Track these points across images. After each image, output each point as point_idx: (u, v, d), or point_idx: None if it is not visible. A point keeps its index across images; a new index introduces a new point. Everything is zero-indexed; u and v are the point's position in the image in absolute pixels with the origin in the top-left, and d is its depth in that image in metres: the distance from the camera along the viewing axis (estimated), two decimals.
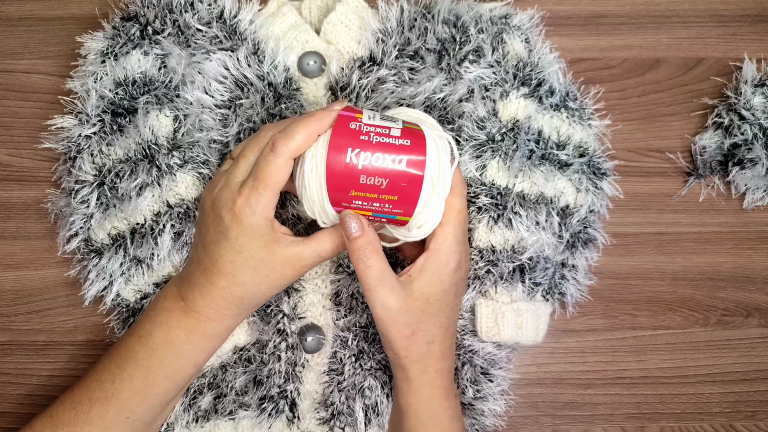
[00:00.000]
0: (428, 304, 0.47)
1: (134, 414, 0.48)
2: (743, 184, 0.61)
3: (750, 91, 0.60)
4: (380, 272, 0.45)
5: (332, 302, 0.57)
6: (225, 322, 0.49)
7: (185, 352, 0.49)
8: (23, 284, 0.60)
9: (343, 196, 0.44)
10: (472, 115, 0.57)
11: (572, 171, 0.57)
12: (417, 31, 0.58)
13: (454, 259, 0.47)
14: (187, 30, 0.57)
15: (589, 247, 0.59)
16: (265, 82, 0.57)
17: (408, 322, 0.46)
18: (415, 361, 0.48)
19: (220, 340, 0.50)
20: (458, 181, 0.48)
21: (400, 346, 0.47)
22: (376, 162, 0.43)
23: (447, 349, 0.50)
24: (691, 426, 0.60)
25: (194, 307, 0.48)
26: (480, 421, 0.56)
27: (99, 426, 0.48)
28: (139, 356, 0.48)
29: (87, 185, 0.55)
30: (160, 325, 0.49)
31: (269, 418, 0.54)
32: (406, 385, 0.49)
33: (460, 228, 0.47)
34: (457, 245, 0.47)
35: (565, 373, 0.61)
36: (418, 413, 0.49)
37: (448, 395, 0.50)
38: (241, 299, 0.47)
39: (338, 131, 0.43)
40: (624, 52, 0.64)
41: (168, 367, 0.49)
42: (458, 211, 0.47)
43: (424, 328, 0.47)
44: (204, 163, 0.56)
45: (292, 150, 0.44)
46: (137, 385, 0.48)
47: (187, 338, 0.48)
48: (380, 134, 0.44)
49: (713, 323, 0.61)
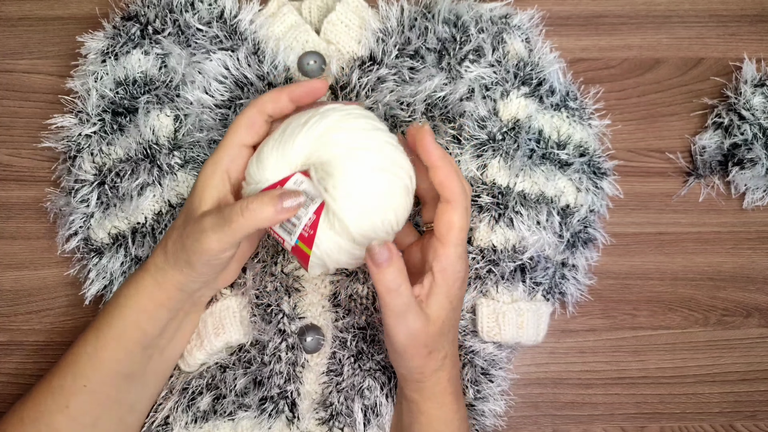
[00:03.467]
0: (444, 325, 0.47)
1: (90, 382, 0.49)
2: (743, 184, 0.61)
3: (750, 91, 0.60)
4: (409, 299, 0.44)
5: (330, 303, 0.57)
6: (156, 275, 0.48)
7: (126, 309, 0.49)
8: (23, 284, 0.60)
9: None
10: (473, 114, 0.57)
11: (573, 171, 0.57)
12: (417, 30, 0.58)
13: (459, 278, 0.46)
14: (188, 30, 0.57)
15: (589, 247, 0.59)
16: (265, 82, 0.57)
17: (427, 343, 0.46)
18: (430, 375, 0.48)
19: (156, 301, 0.49)
20: (458, 193, 0.45)
21: (417, 365, 0.47)
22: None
23: (456, 356, 0.50)
24: (691, 426, 0.60)
25: (146, 254, 0.50)
26: (480, 422, 0.56)
27: (60, 395, 0.48)
28: (97, 321, 0.50)
29: (87, 184, 0.55)
30: (117, 285, 0.51)
31: (269, 419, 0.54)
32: (418, 395, 0.49)
33: (462, 246, 0.46)
34: (460, 263, 0.46)
35: (565, 373, 0.61)
36: (431, 420, 0.49)
37: (458, 399, 0.50)
38: (166, 245, 0.48)
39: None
40: (624, 52, 0.65)
41: (114, 327, 0.49)
42: (459, 228, 0.45)
43: (439, 347, 0.47)
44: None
45: (260, 102, 0.47)
46: (89, 350, 0.49)
47: (126, 292, 0.49)
48: (277, 238, 0.47)
49: (713, 323, 0.61)
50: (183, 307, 0.51)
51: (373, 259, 0.43)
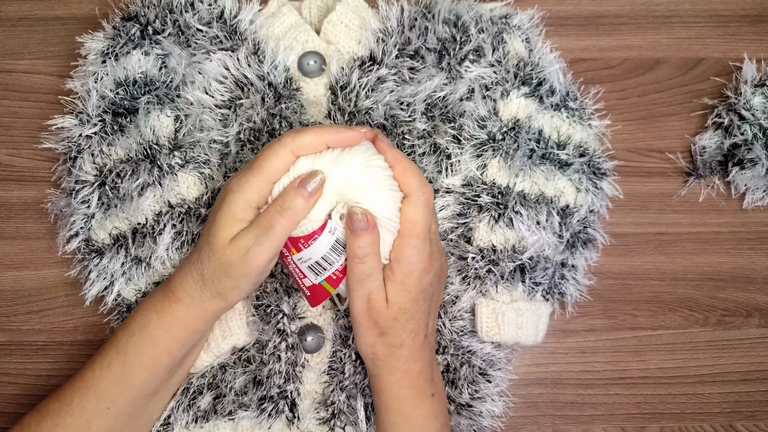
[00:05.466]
0: (400, 313, 0.47)
1: (115, 405, 0.48)
2: (743, 184, 0.61)
3: (750, 91, 0.60)
4: (372, 270, 0.46)
5: (331, 302, 0.57)
6: (192, 306, 0.48)
7: (157, 337, 0.48)
8: (23, 284, 0.60)
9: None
10: (473, 114, 0.57)
11: (572, 171, 0.57)
12: (417, 30, 0.58)
13: (417, 268, 0.47)
14: (188, 30, 0.57)
15: (589, 247, 0.59)
16: (265, 82, 0.57)
17: (379, 322, 0.47)
18: (382, 359, 0.49)
19: (190, 329, 0.49)
20: (416, 187, 0.46)
21: (368, 343, 0.49)
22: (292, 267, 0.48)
23: (418, 351, 0.50)
24: (691, 426, 0.60)
25: (171, 285, 0.49)
26: (477, 422, 0.56)
27: (81, 417, 0.48)
28: (120, 343, 0.49)
29: (88, 185, 0.55)
30: (140, 310, 0.50)
31: (269, 419, 0.54)
32: (375, 382, 0.50)
33: (420, 239, 0.46)
34: (417, 255, 0.46)
35: (565, 373, 0.61)
36: (389, 411, 0.50)
37: (421, 396, 0.50)
38: (202, 277, 0.47)
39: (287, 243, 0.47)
40: (624, 52, 0.65)
41: (143, 355, 0.49)
42: (415, 222, 0.46)
43: (393, 333, 0.48)
44: (205, 163, 0.56)
45: (297, 144, 0.45)
46: (115, 373, 0.48)
47: (158, 321, 0.48)
48: (295, 272, 0.48)
49: (713, 323, 0.61)
50: (212, 327, 0.52)
51: (351, 224, 0.45)
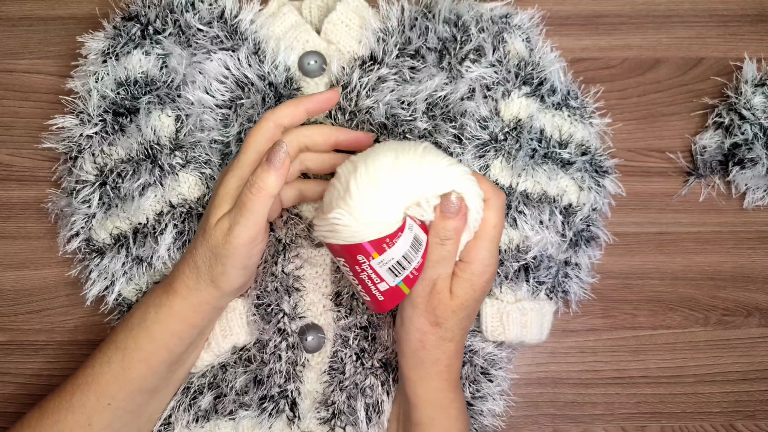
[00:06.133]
0: (461, 308, 0.47)
1: (115, 401, 0.49)
2: (743, 183, 0.61)
3: (750, 91, 0.60)
4: (449, 255, 0.46)
5: (333, 302, 0.57)
6: (189, 297, 0.48)
7: (155, 332, 0.49)
8: (23, 284, 0.60)
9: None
10: (474, 114, 0.57)
11: (575, 169, 0.57)
12: (418, 30, 0.58)
13: (488, 271, 0.47)
14: (188, 30, 0.57)
15: (592, 245, 0.59)
16: (265, 82, 0.57)
17: (437, 311, 0.47)
18: (428, 349, 0.48)
19: (188, 323, 0.49)
20: (492, 192, 0.47)
21: (419, 329, 0.48)
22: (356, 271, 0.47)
23: (461, 349, 0.50)
24: (691, 426, 0.60)
25: (169, 278, 0.49)
26: (479, 421, 0.56)
27: (82, 413, 0.48)
28: (119, 338, 0.49)
29: (88, 185, 0.55)
30: (140, 305, 0.50)
31: (269, 418, 0.54)
32: (415, 374, 0.49)
33: (494, 242, 0.47)
34: (490, 258, 0.47)
35: (565, 373, 0.61)
36: (426, 404, 0.49)
37: (456, 389, 0.50)
38: (196, 265, 0.48)
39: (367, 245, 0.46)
40: (624, 52, 0.65)
41: (142, 350, 0.49)
42: (492, 225, 0.47)
43: (448, 326, 0.47)
44: (206, 163, 0.56)
45: (277, 114, 0.48)
46: (115, 369, 0.49)
47: (156, 316, 0.49)
48: (371, 278, 0.46)
49: (713, 323, 0.61)
50: (211, 323, 0.52)
51: (446, 206, 0.45)
